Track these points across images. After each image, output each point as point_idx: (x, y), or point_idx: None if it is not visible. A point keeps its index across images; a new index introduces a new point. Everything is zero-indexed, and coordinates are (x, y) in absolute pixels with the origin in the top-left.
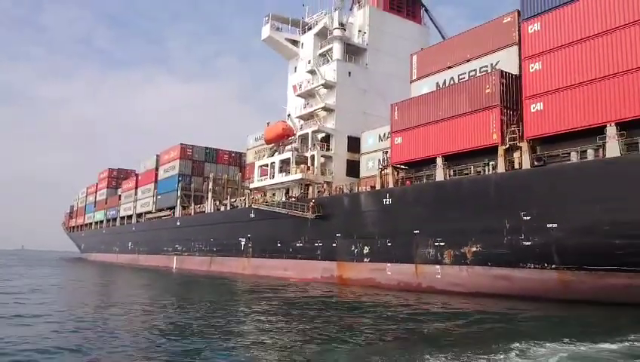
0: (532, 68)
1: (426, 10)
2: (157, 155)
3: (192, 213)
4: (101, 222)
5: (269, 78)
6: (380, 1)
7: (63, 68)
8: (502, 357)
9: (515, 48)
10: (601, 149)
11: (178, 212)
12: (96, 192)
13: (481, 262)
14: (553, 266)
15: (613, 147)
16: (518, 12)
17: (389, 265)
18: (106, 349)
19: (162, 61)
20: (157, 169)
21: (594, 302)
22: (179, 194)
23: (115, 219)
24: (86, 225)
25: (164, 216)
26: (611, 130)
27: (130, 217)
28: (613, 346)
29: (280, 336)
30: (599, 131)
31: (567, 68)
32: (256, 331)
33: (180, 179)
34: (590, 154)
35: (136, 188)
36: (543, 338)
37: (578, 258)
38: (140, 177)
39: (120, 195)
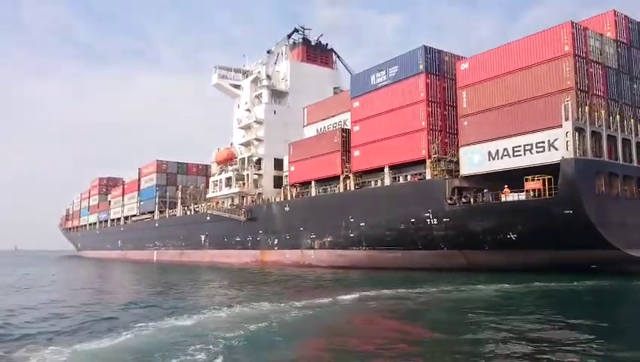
0: (355, 129)
1: (338, 57)
2: (139, 168)
3: (167, 216)
4: (94, 223)
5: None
6: (299, 55)
7: (43, 65)
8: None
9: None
10: (384, 180)
11: (156, 215)
12: (89, 198)
13: (332, 246)
14: (363, 247)
15: (387, 179)
16: None
17: (287, 251)
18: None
19: (145, 55)
20: (139, 180)
21: (385, 268)
22: (156, 201)
23: (106, 221)
24: (81, 226)
25: (146, 218)
26: (387, 170)
27: (119, 219)
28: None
29: (242, 292)
30: (383, 169)
31: (370, 131)
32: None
33: (157, 188)
34: (379, 183)
35: (123, 195)
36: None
37: (373, 242)
38: (125, 186)
39: (110, 201)
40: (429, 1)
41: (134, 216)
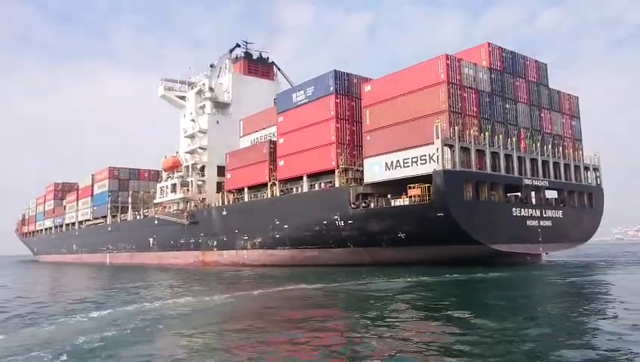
0: (280, 141)
1: (279, 69)
2: (92, 175)
3: (119, 221)
4: (50, 228)
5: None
6: (241, 68)
7: (2, 63)
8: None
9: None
10: (303, 187)
11: (109, 220)
12: (44, 203)
13: (262, 246)
14: (287, 247)
15: (306, 186)
16: None
17: (224, 251)
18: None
19: (108, 54)
20: (92, 185)
21: (306, 265)
22: (109, 206)
23: (61, 226)
24: (37, 231)
25: (99, 223)
26: (305, 178)
27: (73, 224)
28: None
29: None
30: (302, 178)
31: (292, 143)
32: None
33: (110, 194)
34: (300, 190)
35: (77, 200)
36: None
37: (295, 242)
38: (80, 191)
39: (65, 206)
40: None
41: (88, 220)
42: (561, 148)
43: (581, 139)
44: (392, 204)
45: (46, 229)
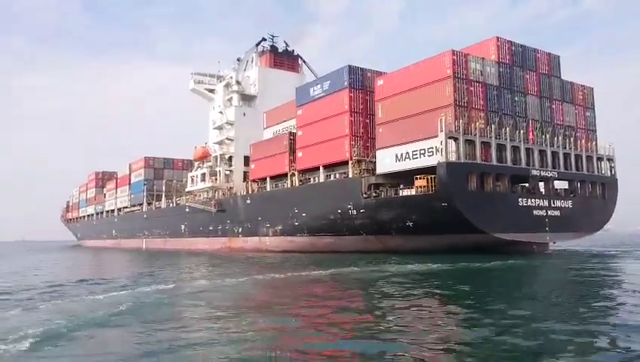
0: (299, 133)
1: (304, 61)
2: (129, 164)
3: (154, 208)
4: (92, 215)
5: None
6: (267, 61)
7: (40, 57)
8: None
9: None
10: (320, 178)
11: (145, 207)
12: (87, 191)
13: (283, 233)
14: (306, 234)
15: (322, 177)
16: None
17: (248, 238)
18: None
19: (146, 45)
20: (130, 175)
21: (323, 252)
22: (145, 194)
23: (102, 213)
24: (81, 217)
25: (136, 210)
26: (321, 169)
27: (113, 211)
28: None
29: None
30: (319, 168)
31: (310, 135)
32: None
33: (145, 183)
34: (316, 180)
35: (116, 188)
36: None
37: (313, 230)
38: (118, 180)
39: (105, 194)
40: None
41: (126, 207)
42: (572, 139)
43: (595, 129)
44: (401, 194)
45: (88, 216)
